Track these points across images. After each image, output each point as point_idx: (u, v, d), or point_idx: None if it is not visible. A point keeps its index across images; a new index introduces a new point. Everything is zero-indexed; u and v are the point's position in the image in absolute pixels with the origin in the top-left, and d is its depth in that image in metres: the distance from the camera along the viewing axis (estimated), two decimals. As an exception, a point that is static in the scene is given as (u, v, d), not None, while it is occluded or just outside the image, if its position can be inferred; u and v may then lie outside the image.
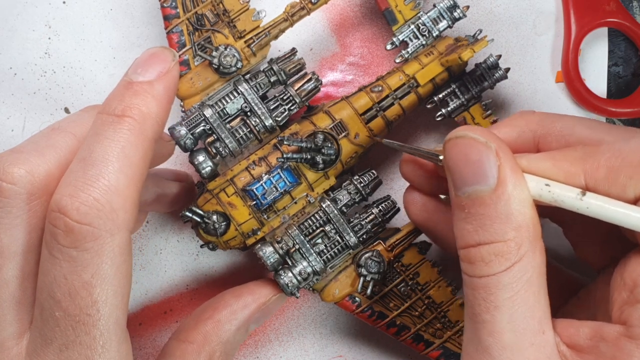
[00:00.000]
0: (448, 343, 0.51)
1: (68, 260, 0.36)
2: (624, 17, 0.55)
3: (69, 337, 0.36)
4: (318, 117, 0.49)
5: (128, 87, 0.39)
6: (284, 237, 0.48)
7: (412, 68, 0.50)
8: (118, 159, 0.37)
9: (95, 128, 0.38)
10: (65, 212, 0.36)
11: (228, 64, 0.47)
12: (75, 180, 0.37)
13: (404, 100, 0.49)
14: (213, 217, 0.47)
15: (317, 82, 0.48)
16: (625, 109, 0.55)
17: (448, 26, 0.50)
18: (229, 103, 0.47)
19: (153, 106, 0.39)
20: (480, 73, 0.50)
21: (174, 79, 0.41)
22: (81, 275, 0.36)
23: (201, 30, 0.48)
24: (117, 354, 0.38)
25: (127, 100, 0.39)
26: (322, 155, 0.47)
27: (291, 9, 0.48)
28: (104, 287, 0.36)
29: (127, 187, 0.37)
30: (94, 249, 0.36)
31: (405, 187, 0.48)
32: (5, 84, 0.53)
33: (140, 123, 0.38)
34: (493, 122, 0.51)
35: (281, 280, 0.48)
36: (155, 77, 0.40)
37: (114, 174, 0.37)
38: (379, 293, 0.50)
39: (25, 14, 0.53)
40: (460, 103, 0.50)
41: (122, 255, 0.37)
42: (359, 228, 0.49)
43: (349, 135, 0.48)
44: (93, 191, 0.36)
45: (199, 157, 0.47)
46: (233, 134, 0.47)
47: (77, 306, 0.36)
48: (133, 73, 0.40)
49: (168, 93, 0.41)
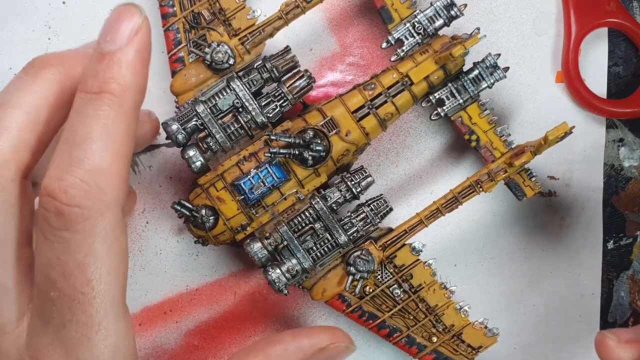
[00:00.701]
0: (441, 347, 0.51)
1: (60, 242, 0.36)
2: (624, 17, 0.54)
3: (65, 316, 0.37)
4: (311, 115, 0.49)
5: (100, 59, 0.39)
6: (273, 233, 0.48)
7: (406, 66, 0.49)
8: (100, 137, 0.37)
9: (75, 108, 0.38)
10: (54, 196, 0.36)
11: (220, 60, 0.48)
12: (61, 163, 0.37)
13: (397, 98, 0.49)
14: (202, 211, 0.47)
15: (310, 80, 0.49)
16: (625, 109, 0.54)
17: (444, 24, 0.50)
18: (221, 99, 0.48)
19: (128, 75, 0.39)
20: (479, 72, 0.50)
21: (145, 38, 0.40)
22: (74, 255, 0.36)
23: (197, 28, 0.48)
24: (115, 331, 0.38)
25: (102, 75, 0.38)
26: (311, 151, 0.47)
27: (286, 7, 0.48)
28: (98, 266, 0.37)
29: (113, 163, 0.37)
30: (85, 230, 0.36)
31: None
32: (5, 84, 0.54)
33: (119, 97, 0.38)
34: (491, 121, 0.51)
35: (269, 276, 0.48)
36: (126, 42, 0.39)
37: (98, 153, 0.37)
38: (370, 294, 0.50)
39: (25, 14, 0.54)
40: (457, 102, 0.50)
41: (114, 233, 0.37)
42: (349, 226, 0.49)
43: (340, 132, 0.48)
44: (79, 173, 0.36)
45: (189, 151, 0.48)
46: (224, 130, 0.48)
47: (72, 286, 0.36)
48: (103, 42, 0.39)
49: (142, 55, 0.39)
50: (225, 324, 0.56)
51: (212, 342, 0.56)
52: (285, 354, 0.45)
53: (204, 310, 0.56)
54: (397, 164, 0.55)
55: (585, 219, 0.56)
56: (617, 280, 0.57)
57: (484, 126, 0.51)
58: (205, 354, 0.56)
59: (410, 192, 0.55)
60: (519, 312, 0.56)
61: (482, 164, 0.52)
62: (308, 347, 0.45)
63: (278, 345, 0.45)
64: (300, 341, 0.45)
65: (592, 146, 0.56)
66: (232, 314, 0.56)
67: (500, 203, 0.56)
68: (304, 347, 0.45)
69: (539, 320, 0.56)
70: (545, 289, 0.56)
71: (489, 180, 0.50)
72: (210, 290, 0.56)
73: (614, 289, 0.57)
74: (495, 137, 0.51)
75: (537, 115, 0.55)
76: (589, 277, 0.56)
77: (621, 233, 0.56)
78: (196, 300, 0.56)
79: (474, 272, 0.55)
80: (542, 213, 0.56)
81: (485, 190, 0.50)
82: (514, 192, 0.51)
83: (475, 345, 0.52)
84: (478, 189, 0.50)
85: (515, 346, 0.56)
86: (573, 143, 0.55)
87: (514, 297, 0.56)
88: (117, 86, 0.38)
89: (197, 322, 0.56)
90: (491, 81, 0.50)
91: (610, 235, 0.56)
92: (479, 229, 0.56)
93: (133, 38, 0.39)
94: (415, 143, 0.55)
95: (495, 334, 0.52)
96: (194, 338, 0.56)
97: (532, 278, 0.56)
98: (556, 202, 0.56)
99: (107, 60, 0.38)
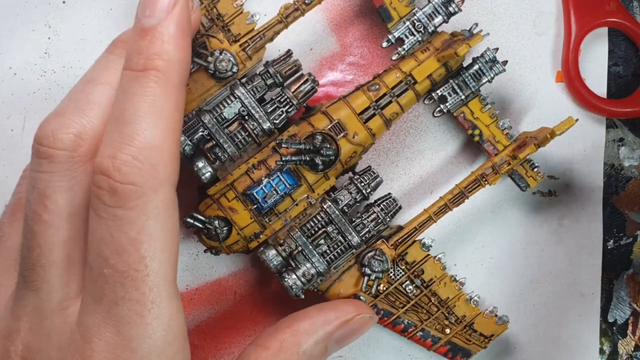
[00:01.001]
0: (455, 338, 0.52)
1: (114, 220, 0.36)
2: (624, 17, 0.55)
3: (118, 293, 0.37)
4: (316, 118, 0.49)
5: (142, 35, 0.39)
6: (287, 240, 0.48)
7: (408, 65, 0.49)
8: (149, 114, 0.37)
9: (123, 86, 0.39)
10: (108, 174, 0.36)
11: (224, 69, 0.47)
12: (113, 141, 0.37)
13: (401, 97, 0.49)
14: (215, 223, 0.47)
15: (314, 83, 0.48)
16: (625, 109, 0.55)
17: (443, 21, 0.50)
18: (226, 108, 0.47)
19: (172, 50, 0.39)
20: (479, 67, 0.50)
21: (184, 9, 0.40)
22: (128, 232, 0.36)
23: (196, 36, 0.47)
24: (168, 309, 0.38)
25: (145, 51, 0.38)
26: (321, 156, 0.47)
27: (285, 11, 0.48)
28: (151, 243, 0.37)
29: (164, 140, 0.38)
30: (139, 207, 0.36)
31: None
32: (5, 84, 0.53)
33: (164, 72, 0.38)
34: (492, 115, 0.51)
35: (285, 282, 0.48)
36: (165, 14, 0.39)
37: (148, 130, 0.37)
38: (384, 292, 0.50)
39: (25, 14, 0.53)
40: (459, 98, 0.51)
41: (167, 210, 0.38)
42: (361, 227, 0.49)
43: (347, 135, 0.48)
44: (131, 150, 0.37)
45: (198, 163, 0.47)
46: (232, 139, 0.47)
47: (125, 262, 0.36)
48: (142, 16, 0.39)
49: (183, 28, 0.40)
50: (225, 324, 0.56)
51: (212, 342, 0.56)
52: (313, 328, 0.46)
53: (204, 310, 0.56)
54: (397, 164, 0.55)
55: (585, 218, 0.56)
56: (617, 280, 0.57)
57: (486, 120, 0.52)
58: (205, 354, 0.56)
59: (411, 192, 0.55)
60: (519, 312, 0.56)
61: (482, 162, 0.53)
62: (334, 320, 0.46)
63: (304, 321, 0.46)
64: (326, 314, 0.46)
65: (592, 146, 0.56)
66: (232, 314, 0.56)
67: (501, 203, 0.56)
68: (331, 319, 0.46)
69: (539, 320, 0.57)
70: (545, 289, 0.57)
71: (494, 173, 0.51)
72: (210, 290, 0.56)
73: (614, 289, 0.57)
74: (498, 131, 0.52)
75: (537, 115, 0.55)
76: (589, 277, 0.57)
77: (621, 233, 0.57)
78: (196, 300, 0.56)
79: (474, 272, 0.55)
80: (542, 213, 0.56)
81: (490, 183, 0.51)
82: (517, 183, 0.52)
83: (488, 334, 0.53)
84: (483, 182, 0.50)
85: (515, 346, 0.57)
86: (573, 143, 0.56)
87: (514, 297, 0.56)
88: (162, 62, 0.38)
89: (197, 322, 0.56)
90: (491, 75, 0.51)
91: (610, 235, 0.57)
92: (478, 229, 0.56)
93: (172, 10, 0.39)
94: (415, 143, 0.55)
95: (505, 322, 0.53)
96: (194, 338, 0.56)
97: (532, 278, 0.56)
98: (556, 202, 0.56)
99: (150, 36, 0.39)
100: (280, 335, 0.45)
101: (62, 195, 0.39)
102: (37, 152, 0.39)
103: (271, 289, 0.55)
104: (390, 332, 0.55)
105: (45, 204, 0.39)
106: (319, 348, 0.46)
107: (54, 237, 0.39)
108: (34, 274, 0.39)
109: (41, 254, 0.39)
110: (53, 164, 0.39)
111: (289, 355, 0.45)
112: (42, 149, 0.39)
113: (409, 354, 0.56)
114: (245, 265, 0.55)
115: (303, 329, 0.45)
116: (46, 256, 0.39)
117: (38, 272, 0.39)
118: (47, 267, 0.39)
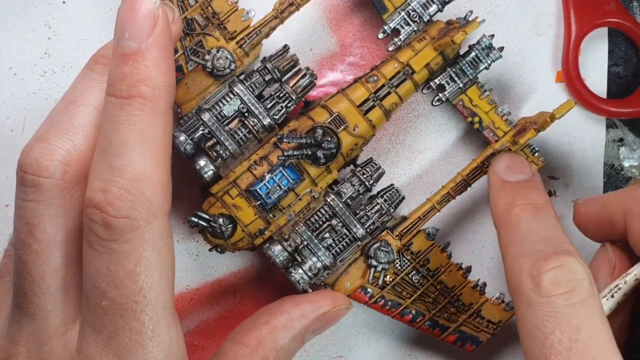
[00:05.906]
0: (463, 326, 0.52)
1: (109, 253, 0.36)
2: (624, 17, 0.54)
3: (117, 324, 0.36)
4: (316, 111, 0.49)
5: (124, 60, 0.37)
6: (292, 235, 0.48)
7: (405, 55, 0.49)
8: (138, 143, 0.37)
9: (108, 114, 0.37)
10: (100, 208, 0.36)
11: (221, 67, 0.47)
12: (102, 173, 0.36)
13: (400, 88, 0.49)
14: (219, 221, 0.47)
15: (312, 77, 0.48)
16: (625, 109, 0.55)
17: (438, 10, 0.50)
18: (225, 105, 0.47)
19: (156, 76, 0.37)
20: (475, 55, 0.50)
21: (165, 29, 0.38)
22: (124, 265, 0.36)
23: (192, 35, 0.48)
24: (168, 336, 0.38)
25: (129, 78, 0.37)
26: (323, 149, 0.47)
27: (280, 6, 0.48)
28: (149, 274, 0.36)
29: (154, 169, 0.37)
30: (134, 239, 0.36)
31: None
32: (5, 84, 0.53)
33: (150, 99, 0.37)
34: (491, 102, 0.51)
35: (292, 277, 0.48)
36: (146, 37, 0.37)
37: (138, 161, 0.36)
38: (391, 282, 0.50)
39: (25, 14, 0.53)
40: (457, 86, 0.51)
41: (162, 240, 0.37)
42: (366, 219, 0.49)
43: (348, 127, 0.48)
44: (123, 183, 0.36)
45: (200, 162, 0.47)
46: (232, 136, 0.47)
47: (124, 295, 0.36)
48: (122, 38, 0.37)
49: (165, 50, 0.38)
50: (225, 324, 0.56)
51: (212, 342, 0.56)
52: (290, 323, 0.46)
53: (204, 310, 0.56)
54: (397, 164, 0.55)
55: (585, 218, 0.56)
56: (616, 279, 0.57)
57: (485, 107, 0.52)
58: (205, 353, 0.56)
59: (410, 192, 0.55)
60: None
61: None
62: (311, 313, 0.47)
63: (282, 316, 0.46)
64: (303, 308, 0.46)
65: (592, 146, 0.56)
66: (232, 314, 0.56)
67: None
68: (307, 313, 0.46)
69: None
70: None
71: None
72: (210, 290, 0.56)
73: (614, 289, 0.57)
74: (497, 117, 0.52)
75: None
76: (588, 277, 0.57)
77: (621, 232, 0.57)
78: (196, 300, 0.56)
79: (474, 272, 0.55)
80: (542, 213, 0.56)
81: None
82: None
83: (495, 320, 0.53)
84: (485, 169, 0.51)
85: (516, 346, 0.57)
86: (573, 143, 0.56)
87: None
88: (147, 89, 0.37)
89: (197, 322, 0.56)
90: (488, 62, 0.51)
91: (610, 235, 0.56)
92: (478, 229, 0.56)
93: (152, 32, 0.38)
94: (415, 143, 0.55)
95: (512, 308, 0.53)
96: (194, 338, 0.56)
97: (532, 278, 0.56)
98: (556, 202, 0.56)
99: (132, 61, 0.37)
100: (257, 331, 0.45)
101: (51, 223, 0.38)
102: (21, 179, 0.38)
103: (271, 289, 0.55)
104: (390, 332, 0.55)
105: (34, 234, 0.38)
106: (297, 342, 0.46)
107: (44, 266, 0.38)
108: (27, 302, 0.39)
109: (33, 282, 0.38)
110: (39, 193, 0.38)
111: (266, 352, 0.45)
112: (27, 177, 0.38)
113: (409, 354, 0.56)
114: (245, 265, 0.55)
115: (280, 325, 0.46)
116: (38, 284, 0.38)
117: (31, 299, 0.39)
118: (40, 295, 0.39)
